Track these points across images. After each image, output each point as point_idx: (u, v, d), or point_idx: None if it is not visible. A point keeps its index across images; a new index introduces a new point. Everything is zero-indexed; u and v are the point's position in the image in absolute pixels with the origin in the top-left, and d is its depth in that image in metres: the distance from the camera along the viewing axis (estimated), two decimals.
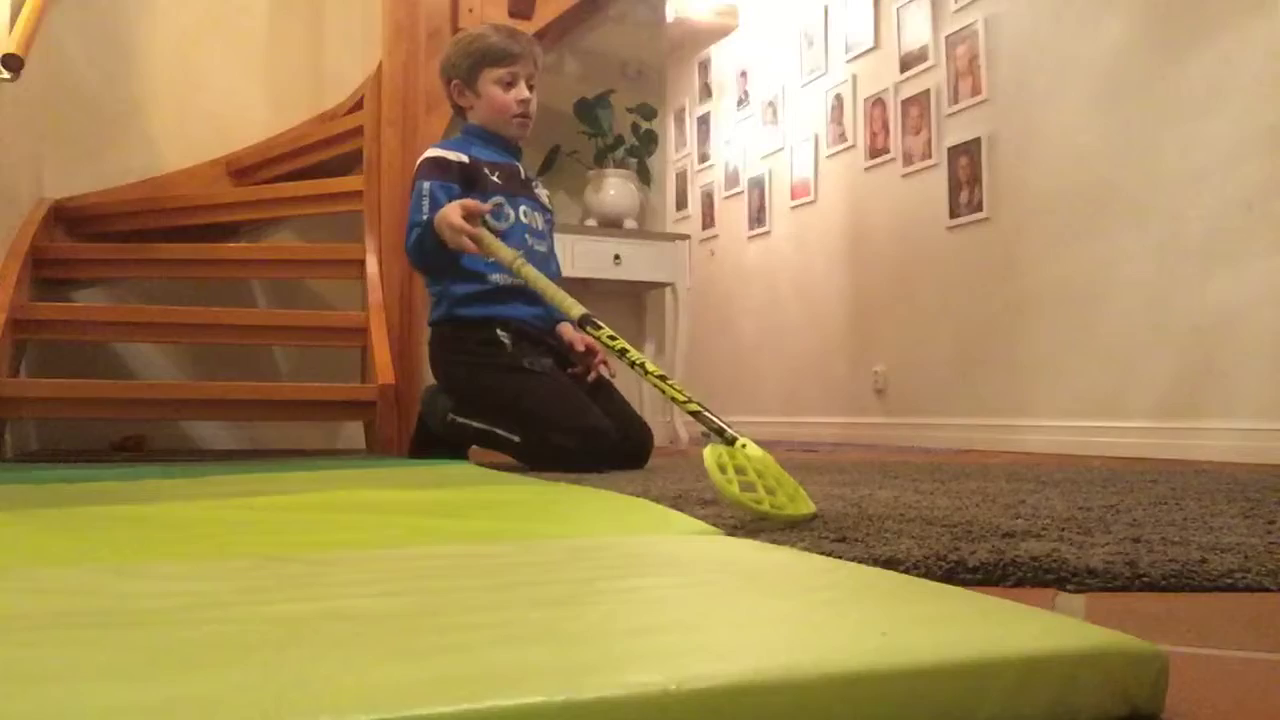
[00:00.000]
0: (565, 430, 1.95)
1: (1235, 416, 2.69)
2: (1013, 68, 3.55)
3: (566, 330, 2.23)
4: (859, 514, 1.12)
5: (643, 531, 0.91)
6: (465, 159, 2.14)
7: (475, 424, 2.08)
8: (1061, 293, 3.30)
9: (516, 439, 2.02)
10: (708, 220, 5.69)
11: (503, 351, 2.09)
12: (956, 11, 3.81)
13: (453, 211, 1.97)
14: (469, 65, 2.20)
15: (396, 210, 2.67)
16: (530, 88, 2.21)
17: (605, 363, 2.18)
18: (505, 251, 1.98)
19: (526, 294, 2.14)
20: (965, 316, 3.74)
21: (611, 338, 1.74)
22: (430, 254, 2.05)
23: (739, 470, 1.10)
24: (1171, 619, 0.65)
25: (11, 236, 2.68)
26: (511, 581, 0.61)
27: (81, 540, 0.85)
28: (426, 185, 2.08)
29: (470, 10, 2.89)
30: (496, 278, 2.11)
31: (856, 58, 4.43)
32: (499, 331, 2.10)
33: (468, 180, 2.13)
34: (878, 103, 4.27)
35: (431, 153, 2.17)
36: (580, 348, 2.18)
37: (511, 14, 2.92)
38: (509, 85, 2.19)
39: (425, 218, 2.04)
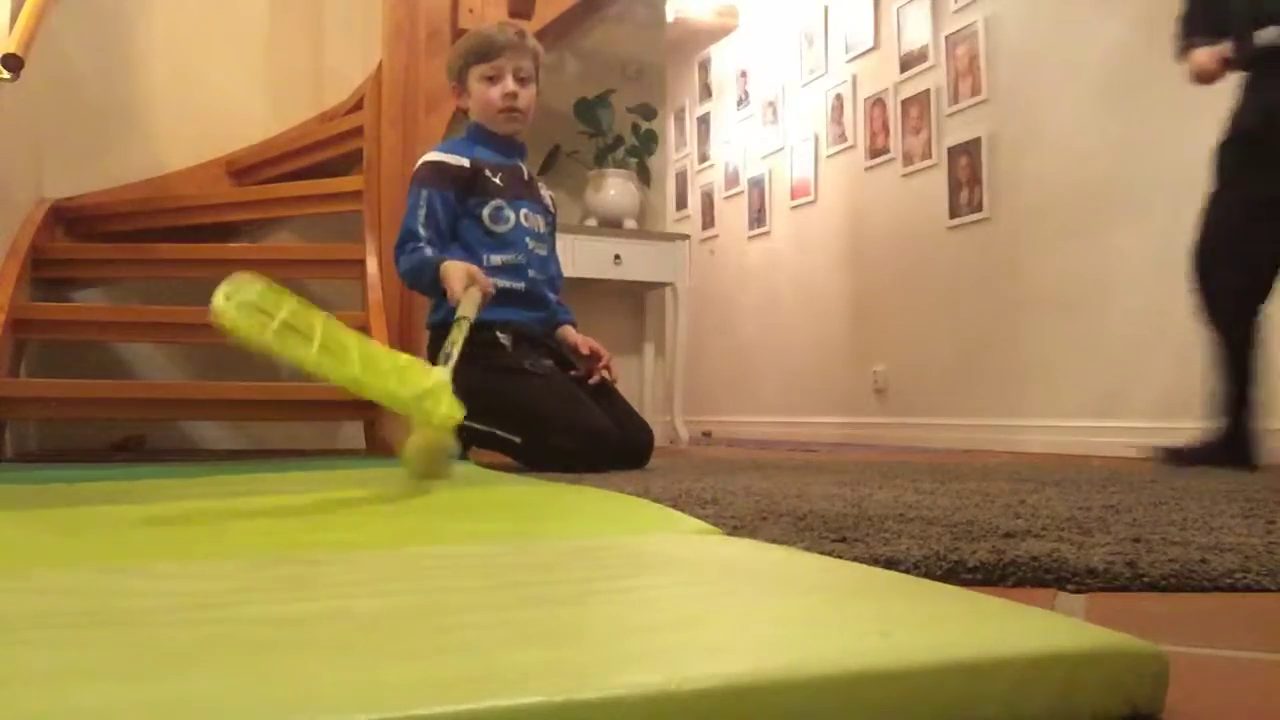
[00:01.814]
0: (566, 431, 1.95)
1: None
2: (1013, 68, 3.55)
3: (569, 333, 2.24)
4: (859, 514, 1.12)
5: (643, 531, 0.91)
6: (466, 163, 2.14)
7: (476, 426, 2.07)
8: (1062, 292, 3.30)
9: (517, 440, 2.02)
10: (708, 220, 5.69)
11: (503, 353, 2.08)
12: (956, 11, 3.81)
13: (456, 278, 1.93)
14: (460, 65, 2.20)
15: (396, 210, 2.65)
16: (522, 80, 2.18)
17: (609, 367, 2.18)
18: (470, 310, 1.88)
19: (524, 298, 2.15)
20: (965, 316, 3.74)
21: (452, 342, 1.67)
22: (427, 287, 2.06)
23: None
24: (1171, 619, 0.65)
25: (11, 236, 2.68)
26: (511, 581, 0.61)
27: (81, 540, 0.85)
28: (424, 193, 2.09)
29: (470, 10, 2.90)
30: (492, 280, 2.12)
31: (856, 58, 4.43)
32: (498, 334, 2.10)
33: (467, 185, 2.13)
34: (878, 103, 4.27)
35: (431, 156, 2.17)
36: (585, 350, 2.18)
37: (511, 14, 2.92)
38: (493, 80, 2.18)
39: (422, 231, 2.05)
